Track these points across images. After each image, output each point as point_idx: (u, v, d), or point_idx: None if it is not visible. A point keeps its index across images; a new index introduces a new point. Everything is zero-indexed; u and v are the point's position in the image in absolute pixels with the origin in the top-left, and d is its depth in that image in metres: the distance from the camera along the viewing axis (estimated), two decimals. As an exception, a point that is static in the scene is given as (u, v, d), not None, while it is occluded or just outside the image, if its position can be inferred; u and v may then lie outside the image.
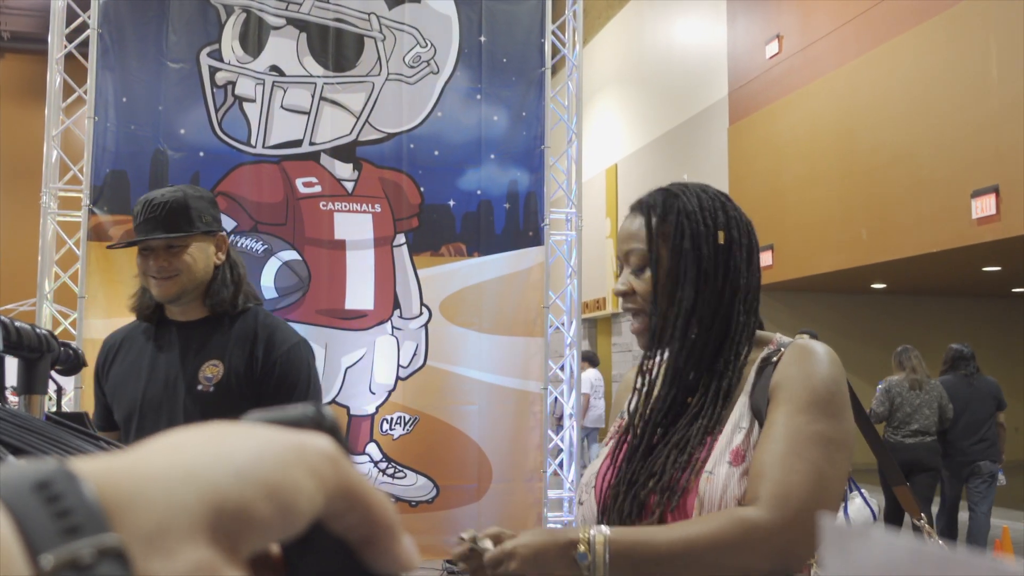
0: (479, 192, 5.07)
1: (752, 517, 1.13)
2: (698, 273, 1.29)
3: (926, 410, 6.25)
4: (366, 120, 4.89)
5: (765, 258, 10.48)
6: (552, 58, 5.32)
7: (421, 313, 4.91)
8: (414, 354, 4.89)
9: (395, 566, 0.35)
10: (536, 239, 5.14)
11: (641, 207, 1.37)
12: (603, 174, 16.49)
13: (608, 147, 16.56)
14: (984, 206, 7.79)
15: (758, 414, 1.24)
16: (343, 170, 4.84)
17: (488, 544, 1.18)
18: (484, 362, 4.97)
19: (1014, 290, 12.51)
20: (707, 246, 1.29)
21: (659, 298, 1.30)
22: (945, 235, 8.33)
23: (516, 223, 5.12)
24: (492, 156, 5.09)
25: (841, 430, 1.20)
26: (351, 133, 4.86)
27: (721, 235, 1.30)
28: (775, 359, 1.27)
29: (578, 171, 5.60)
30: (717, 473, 1.21)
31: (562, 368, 5.61)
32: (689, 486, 1.22)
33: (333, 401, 4.75)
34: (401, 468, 4.80)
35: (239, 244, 4.63)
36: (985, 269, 10.11)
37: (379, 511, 0.34)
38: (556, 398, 5.60)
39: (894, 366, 6.63)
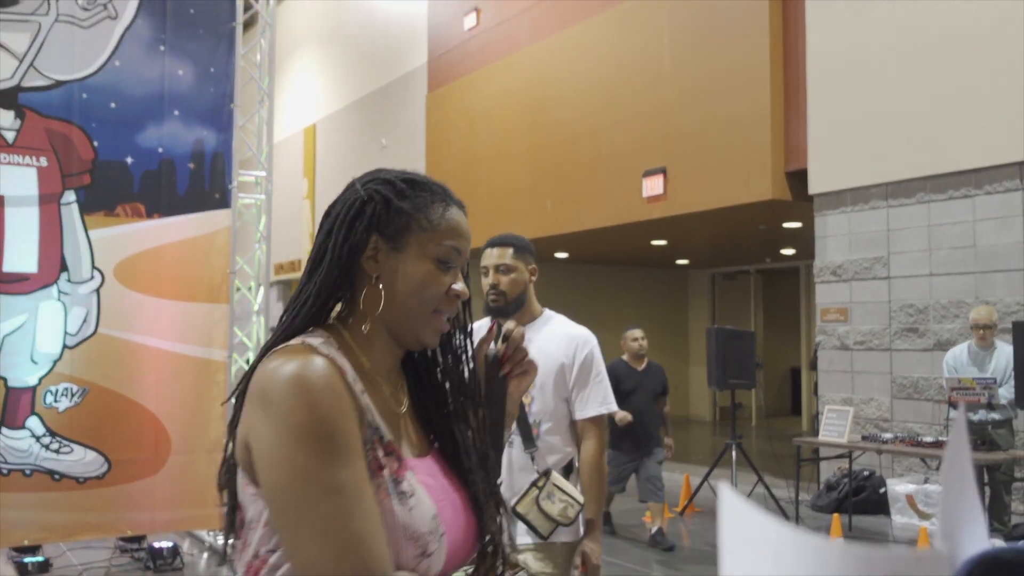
0: (160, 150, 4.79)
1: None
2: None
3: None
4: (31, 64, 4.46)
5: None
6: (245, 13, 5.12)
7: (93, 277, 4.58)
8: (84, 321, 4.56)
9: None
10: (223, 201, 4.96)
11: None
12: (301, 133, 16.12)
13: (306, 106, 16.20)
14: (653, 186, 8.46)
15: None
16: (3, 118, 4.39)
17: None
18: (163, 330, 4.73)
19: (677, 262, 13.76)
20: None
21: None
22: (620, 210, 8.96)
23: (201, 184, 4.90)
24: (176, 112, 4.83)
25: None
26: (12, 77, 4.42)
27: None
28: None
29: (269, 132, 5.45)
30: None
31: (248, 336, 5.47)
32: None
33: (-12, 372, 4.33)
34: (68, 443, 4.47)
35: None
36: (653, 243, 11.01)
37: None
38: (242, 367, 5.45)
39: None
